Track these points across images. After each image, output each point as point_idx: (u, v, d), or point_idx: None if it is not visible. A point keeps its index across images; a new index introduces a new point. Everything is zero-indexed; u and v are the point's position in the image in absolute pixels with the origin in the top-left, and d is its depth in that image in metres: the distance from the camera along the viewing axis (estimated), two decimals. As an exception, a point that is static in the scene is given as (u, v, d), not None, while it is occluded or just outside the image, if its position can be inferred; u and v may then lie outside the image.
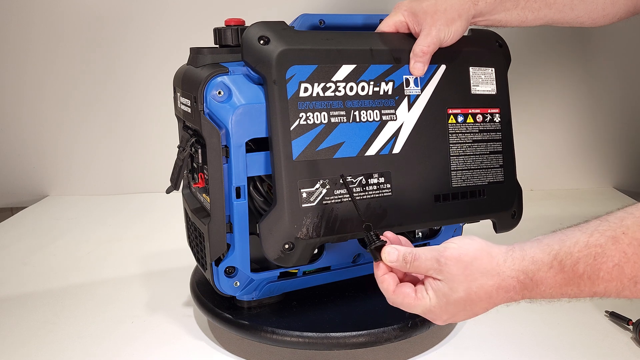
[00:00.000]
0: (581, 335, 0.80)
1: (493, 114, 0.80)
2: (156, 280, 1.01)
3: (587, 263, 0.52)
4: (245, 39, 0.67)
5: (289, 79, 0.67)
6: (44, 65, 1.48)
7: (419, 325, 0.73)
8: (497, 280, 0.55)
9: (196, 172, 0.75)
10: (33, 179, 1.57)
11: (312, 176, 0.68)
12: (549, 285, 0.54)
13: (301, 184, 0.68)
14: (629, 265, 0.50)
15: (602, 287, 0.51)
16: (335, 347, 0.71)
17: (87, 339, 0.82)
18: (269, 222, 0.67)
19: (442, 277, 0.57)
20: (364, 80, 0.71)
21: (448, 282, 0.56)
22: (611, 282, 0.51)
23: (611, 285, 0.51)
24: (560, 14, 0.78)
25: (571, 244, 0.53)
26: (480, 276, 0.56)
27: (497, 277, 0.55)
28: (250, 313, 0.75)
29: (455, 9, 0.71)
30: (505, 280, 0.55)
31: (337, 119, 0.69)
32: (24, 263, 1.11)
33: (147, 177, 1.54)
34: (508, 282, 0.55)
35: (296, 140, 0.67)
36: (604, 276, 0.51)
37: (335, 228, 0.70)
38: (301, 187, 0.68)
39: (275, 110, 0.66)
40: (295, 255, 0.68)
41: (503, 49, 0.82)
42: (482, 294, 0.56)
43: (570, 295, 0.54)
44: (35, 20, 1.45)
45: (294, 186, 0.67)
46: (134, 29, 1.45)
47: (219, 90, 0.67)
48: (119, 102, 1.51)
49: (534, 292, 0.55)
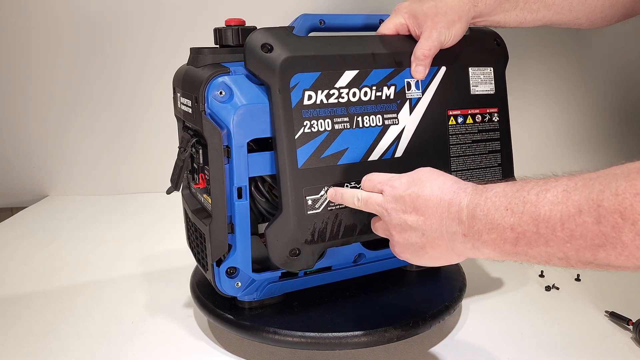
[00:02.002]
0: (581, 335, 0.80)
1: (492, 114, 0.81)
2: (156, 280, 1.01)
3: (537, 185, 0.50)
4: (248, 46, 0.67)
5: (293, 87, 0.67)
6: (43, 66, 1.48)
7: (420, 325, 0.73)
8: (450, 185, 0.58)
9: (196, 173, 0.75)
10: (33, 179, 1.57)
11: (317, 183, 0.69)
12: (497, 194, 0.53)
13: (306, 192, 0.68)
14: (576, 193, 0.47)
15: (547, 208, 0.48)
16: (337, 347, 0.71)
17: (87, 339, 0.82)
18: (275, 229, 0.68)
19: (396, 184, 0.62)
20: (366, 85, 0.71)
21: (401, 183, 0.62)
22: (557, 205, 0.47)
23: (557, 209, 0.47)
24: (559, 15, 0.78)
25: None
26: (435, 183, 0.60)
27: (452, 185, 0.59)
28: (251, 313, 0.75)
29: (456, 11, 0.72)
30: (459, 183, 0.58)
31: (340, 125, 0.70)
32: (24, 263, 1.11)
33: (147, 177, 1.54)
34: (461, 185, 0.58)
35: (301, 149, 0.68)
36: (550, 198, 0.48)
37: (340, 233, 0.71)
38: (306, 194, 0.68)
39: (279, 118, 0.66)
40: (301, 260, 0.70)
41: (501, 47, 0.83)
42: (434, 189, 0.59)
43: (511, 217, 0.51)
44: (34, 20, 1.45)
45: (299, 194, 0.68)
46: (133, 29, 1.45)
47: (220, 90, 0.67)
48: (119, 102, 1.51)
49: (482, 197, 0.54)
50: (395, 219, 0.61)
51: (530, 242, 0.50)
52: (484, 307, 0.88)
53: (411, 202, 0.59)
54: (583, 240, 0.46)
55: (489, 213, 0.53)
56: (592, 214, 0.45)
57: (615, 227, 0.43)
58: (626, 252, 0.44)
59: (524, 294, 0.92)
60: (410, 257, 0.62)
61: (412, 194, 0.60)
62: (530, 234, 0.50)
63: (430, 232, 0.58)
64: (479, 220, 0.54)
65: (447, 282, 0.85)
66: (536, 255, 0.51)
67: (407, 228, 0.60)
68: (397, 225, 0.61)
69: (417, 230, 0.59)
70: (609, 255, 0.45)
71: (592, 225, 0.45)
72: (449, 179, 0.60)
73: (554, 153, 1.52)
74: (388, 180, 0.63)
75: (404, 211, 0.60)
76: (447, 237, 0.57)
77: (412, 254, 0.62)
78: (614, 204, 0.43)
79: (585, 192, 0.46)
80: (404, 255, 0.63)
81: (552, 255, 0.49)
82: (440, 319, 0.76)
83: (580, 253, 0.47)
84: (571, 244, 0.47)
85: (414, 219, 0.59)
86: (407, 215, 0.60)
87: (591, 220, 0.45)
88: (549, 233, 0.48)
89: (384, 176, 0.65)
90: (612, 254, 0.45)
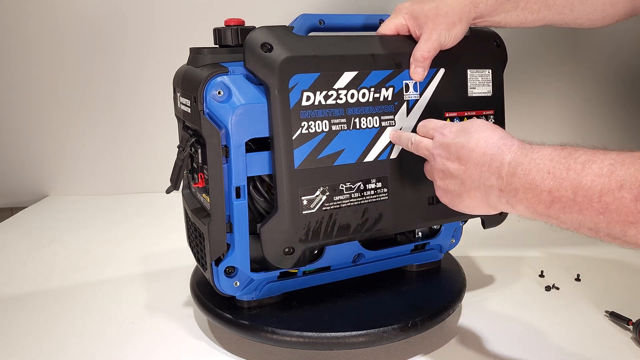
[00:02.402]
0: (581, 335, 0.80)
1: (488, 116, 0.81)
2: (156, 280, 1.01)
3: (586, 154, 0.52)
4: (247, 46, 0.67)
5: (292, 88, 0.67)
6: (43, 66, 1.48)
7: (419, 325, 0.73)
8: (497, 140, 0.60)
9: (196, 172, 0.75)
10: (33, 179, 1.57)
11: (313, 184, 0.69)
12: (542, 157, 0.54)
13: (302, 192, 0.69)
14: (622, 169, 0.48)
15: (589, 179, 0.50)
16: (336, 347, 0.71)
17: (87, 339, 0.82)
18: (270, 227, 0.68)
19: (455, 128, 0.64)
20: (365, 86, 0.71)
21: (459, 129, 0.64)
22: (600, 178, 0.49)
23: (599, 181, 0.49)
24: (560, 15, 0.78)
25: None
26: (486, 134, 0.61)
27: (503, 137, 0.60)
28: (250, 313, 0.75)
29: (456, 12, 0.71)
30: (505, 139, 0.60)
31: (337, 126, 0.70)
32: (24, 263, 1.11)
33: (147, 177, 1.54)
34: (507, 141, 0.59)
35: (298, 149, 0.68)
36: (595, 170, 0.50)
37: (334, 233, 0.71)
38: (302, 194, 0.68)
39: (277, 119, 0.66)
40: (294, 258, 0.71)
41: (501, 49, 0.82)
42: (480, 142, 0.61)
43: (552, 181, 0.52)
44: (34, 20, 1.45)
45: (295, 194, 0.68)
46: (133, 29, 1.45)
47: (218, 90, 0.67)
48: (119, 102, 1.51)
49: (526, 157, 0.56)
50: (439, 165, 0.64)
51: (565, 208, 0.51)
52: (484, 307, 0.88)
53: (456, 151, 0.62)
54: (617, 214, 0.47)
55: (529, 173, 0.55)
56: (633, 191, 0.46)
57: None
58: None
59: (524, 294, 0.92)
60: (448, 202, 0.66)
61: (457, 143, 0.62)
62: (566, 199, 0.51)
63: (468, 182, 0.61)
64: (518, 178, 0.56)
65: (447, 282, 0.85)
66: (567, 222, 0.52)
67: (448, 175, 0.63)
68: (440, 170, 0.64)
69: (457, 178, 0.62)
70: (639, 233, 0.46)
71: (629, 201, 0.46)
72: (498, 133, 0.61)
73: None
74: (440, 127, 0.66)
75: (448, 158, 0.63)
76: (483, 189, 0.60)
77: (450, 199, 0.65)
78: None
79: (632, 169, 0.47)
80: (443, 199, 0.66)
81: (583, 224, 0.51)
82: (440, 319, 0.76)
83: (611, 227, 0.48)
84: (604, 216, 0.48)
85: (455, 167, 0.62)
86: (450, 163, 0.62)
87: (630, 196, 0.46)
88: (585, 202, 0.50)
89: (438, 123, 0.67)
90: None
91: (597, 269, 1.00)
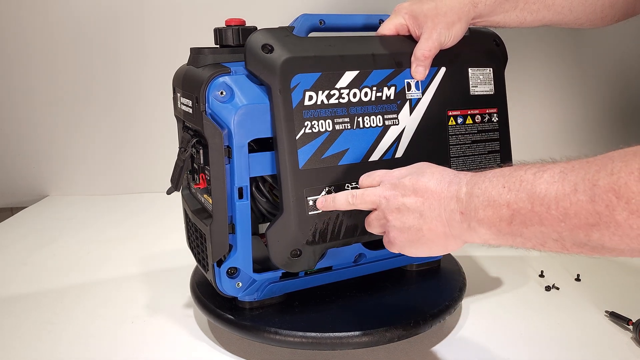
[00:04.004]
0: (581, 335, 0.80)
1: (491, 114, 0.81)
2: (156, 280, 1.01)
3: (535, 166, 0.51)
4: (248, 47, 0.67)
5: (294, 87, 0.67)
6: (43, 66, 1.48)
7: (420, 325, 0.73)
8: (450, 171, 0.61)
9: (197, 173, 0.75)
10: (33, 179, 1.57)
11: (318, 184, 0.69)
12: (495, 174, 0.54)
13: (307, 192, 0.68)
14: (573, 174, 0.47)
15: (543, 187, 0.49)
16: (337, 347, 0.71)
17: (87, 339, 0.82)
18: (276, 230, 0.68)
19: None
20: (366, 86, 0.71)
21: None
22: (553, 185, 0.48)
23: (552, 188, 0.48)
24: (559, 15, 0.78)
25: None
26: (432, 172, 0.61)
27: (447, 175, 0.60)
28: (252, 314, 0.75)
29: (456, 11, 0.72)
30: (454, 173, 0.60)
31: (341, 126, 0.70)
32: (24, 263, 1.11)
33: (147, 177, 1.54)
34: (461, 172, 0.60)
35: (302, 149, 0.68)
36: (547, 178, 0.49)
37: (341, 234, 0.71)
38: (307, 195, 0.68)
39: (280, 119, 0.66)
40: (302, 261, 0.70)
41: (500, 48, 0.83)
42: (435, 174, 0.61)
43: (508, 194, 0.51)
44: (33, 20, 1.45)
45: (300, 195, 0.68)
46: (133, 29, 1.45)
47: (221, 90, 0.67)
48: (119, 102, 1.51)
49: (480, 177, 0.56)
50: (394, 204, 0.61)
51: (525, 221, 0.50)
52: (484, 307, 0.88)
53: (411, 185, 0.60)
54: (577, 219, 0.46)
55: (486, 191, 0.54)
56: (587, 193, 0.45)
57: (609, 205, 0.44)
58: (620, 231, 0.44)
59: (524, 294, 0.92)
60: (405, 243, 0.61)
61: (412, 178, 0.61)
62: (525, 211, 0.50)
63: (428, 212, 0.59)
64: (476, 197, 0.55)
65: (447, 282, 0.85)
66: (531, 237, 0.51)
67: (404, 211, 0.60)
68: (395, 209, 0.61)
69: (416, 211, 0.60)
70: (603, 235, 0.45)
71: (586, 203, 0.45)
72: (447, 169, 0.62)
73: (553, 153, 1.51)
74: (386, 173, 0.65)
75: (403, 195, 0.61)
76: (445, 216, 0.58)
77: (407, 237, 0.61)
78: (609, 182, 0.44)
79: (582, 173, 0.47)
80: (399, 241, 0.62)
81: (547, 235, 0.50)
82: (440, 318, 0.76)
83: (574, 233, 0.47)
84: (565, 223, 0.47)
85: (413, 200, 0.60)
86: (406, 198, 0.60)
87: (586, 198, 0.45)
88: (543, 211, 0.49)
89: (381, 171, 0.66)
90: (605, 234, 0.45)
91: (597, 269, 1.00)
